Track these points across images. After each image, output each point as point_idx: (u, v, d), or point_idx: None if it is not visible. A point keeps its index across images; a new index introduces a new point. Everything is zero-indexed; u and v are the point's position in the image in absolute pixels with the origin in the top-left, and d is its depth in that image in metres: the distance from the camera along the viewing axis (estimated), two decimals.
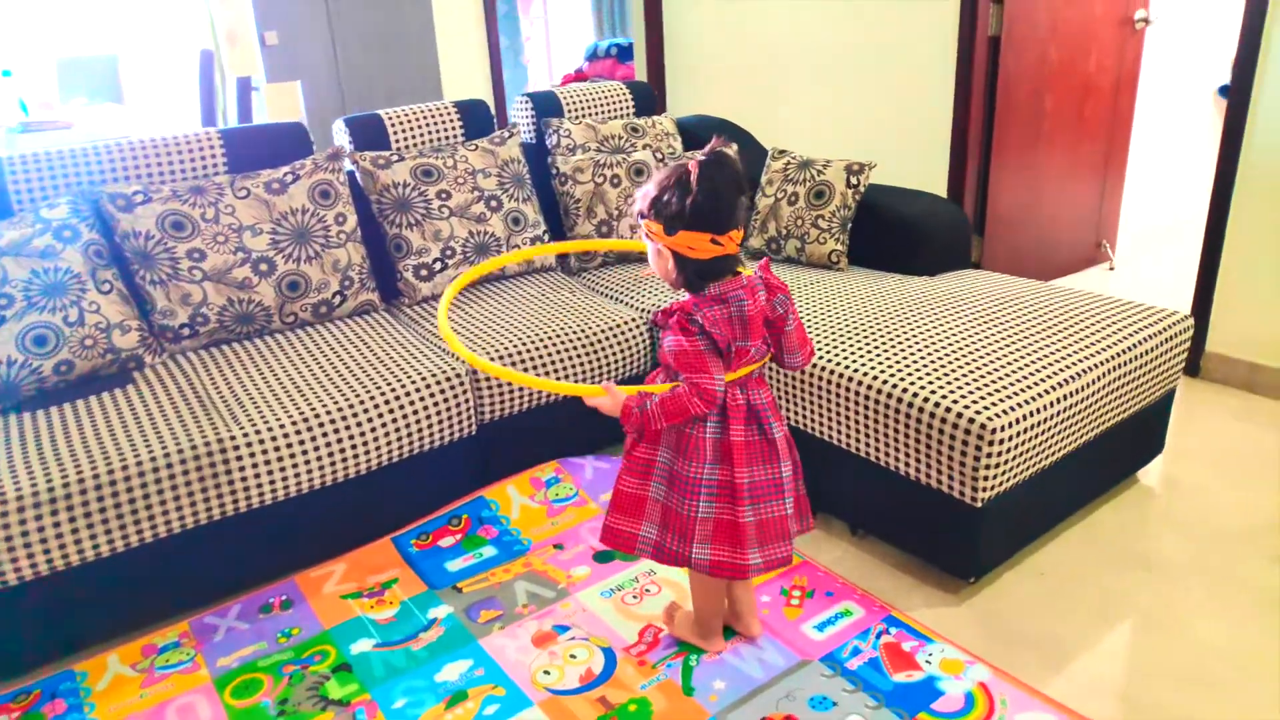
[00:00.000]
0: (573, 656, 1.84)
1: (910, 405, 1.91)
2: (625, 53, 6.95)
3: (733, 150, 2.77)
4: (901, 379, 1.96)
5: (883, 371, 2.00)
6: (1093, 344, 2.08)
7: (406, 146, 2.81)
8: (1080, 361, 2.01)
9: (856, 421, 2.03)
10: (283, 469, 2.00)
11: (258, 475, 1.97)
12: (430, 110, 2.86)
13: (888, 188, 2.80)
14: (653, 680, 1.77)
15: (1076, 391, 1.96)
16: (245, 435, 1.96)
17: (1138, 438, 2.26)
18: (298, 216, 2.44)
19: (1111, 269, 4.01)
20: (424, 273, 2.65)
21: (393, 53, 4.00)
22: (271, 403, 2.07)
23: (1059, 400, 1.92)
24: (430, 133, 2.85)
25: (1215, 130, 4.66)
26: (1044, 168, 3.63)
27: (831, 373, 2.07)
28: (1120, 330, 2.14)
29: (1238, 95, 2.65)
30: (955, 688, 1.71)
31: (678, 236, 1.47)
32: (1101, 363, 2.03)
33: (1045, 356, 2.02)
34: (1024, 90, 3.41)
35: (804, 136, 3.69)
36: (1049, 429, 1.91)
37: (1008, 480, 1.87)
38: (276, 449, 1.98)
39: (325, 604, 2.04)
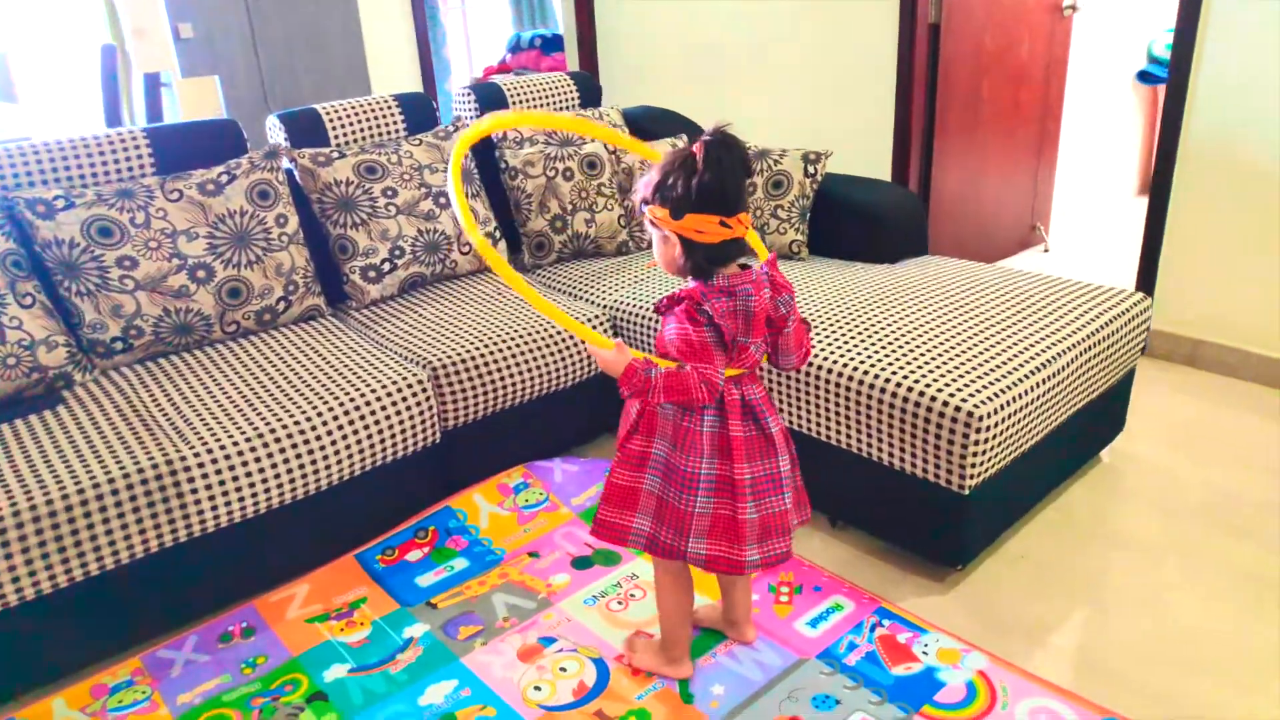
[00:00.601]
0: (563, 670, 1.77)
1: (895, 395, 1.89)
2: (550, 44, 6.83)
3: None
4: (883, 369, 1.93)
5: (863, 362, 1.97)
6: (1063, 326, 2.10)
7: (346, 142, 2.67)
8: (1055, 344, 2.02)
9: (837, 414, 2.01)
10: (238, 490, 1.87)
11: (211, 498, 1.84)
12: (370, 104, 2.73)
13: (842, 176, 2.79)
14: (649, 689, 1.71)
15: (1055, 374, 1.97)
16: (196, 455, 1.82)
17: (1102, 417, 2.30)
18: (236, 219, 2.29)
19: (1046, 251, 4.10)
20: (372, 274, 2.52)
21: (317, 46, 3.81)
22: (221, 419, 1.93)
23: (1040, 384, 1.92)
24: (371, 128, 2.71)
25: (1137, 115, 4.84)
26: (983, 154, 3.68)
27: (811, 365, 2.04)
28: (1087, 312, 2.17)
29: (1176, 78, 2.72)
30: (955, 677, 1.70)
31: (685, 220, 1.40)
32: (1075, 344, 2.04)
33: (1020, 341, 2.02)
34: (963, 77, 3.45)
35: (746, 127, 3.64)
36: (1030, 413, 1.91)
37: (993, 466, 1.86)
38: (231, 468, 1.85)
39: (290, 629, 1.91)
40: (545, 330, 2.35)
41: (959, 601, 1.92)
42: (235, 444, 1.86)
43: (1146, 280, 2.94)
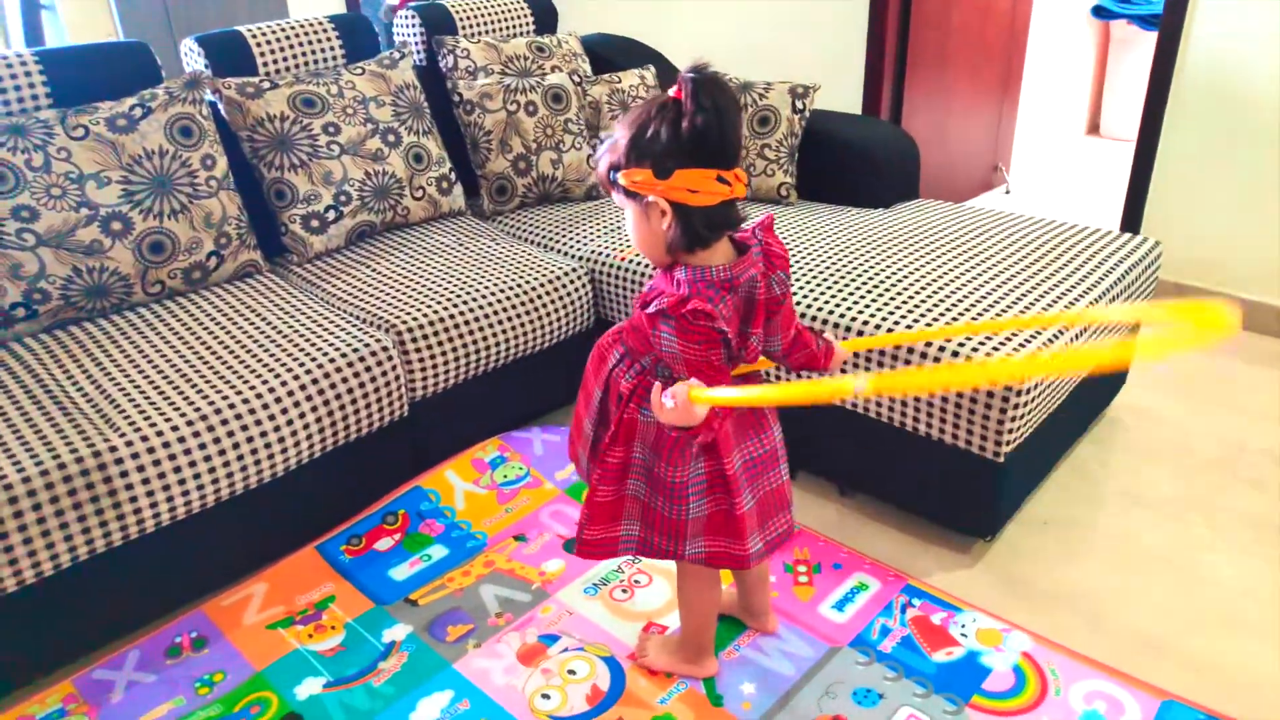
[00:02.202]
0: (571, 672, 1.58)
1: (924, 356, 1.72)
2: None
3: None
4: (909, 327, 1.76)
5: (884, 320, 1.80)
6: (1086, 276, 1.96)
7: (277, 70, 2.33)
8: (1084, 297, 1.88)
9: (847, 371, 1.83)
10: (180, 481, 1.59)
11: (150, 493, 1.56)
12: (303, 27, 2.38)
13: (828, 112, 2.59)
14: (672, 691, 1.53)
15: (1086, 328, 1.83)
16: (128, 444, 1.54)
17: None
18: (154, 160, 1.96)
19: (1008, 192, 4.01)
20: (315, 224, 2.22)
21: None
22: (155, 399, 1.64)
23: (1072, 339, 1.79)
24: (305, 54, 2.37)
25: (1090, 51, 4.75)
26: (951, 90, 3.52)
27: (825, 323, 1.86)
28: (1104, 260, 2.04)
29: (1171, 18, 2.59)
30: (1000, 662, 1.57)
31: (674, 178, 1.13)
32: (1102, 296, 1.91)
33: (1047, 293, 1.88)
34: (935, 6, 3.26)
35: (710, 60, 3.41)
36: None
37: (1026, 430, 1.73)
38: (171, 457, 1.57)
39: (249, 638, 1.67)
40: (517, 286, 2.10)
41: (987, 574, 1.80)
42: (174, 428, 1.58)
43: (1131, 224, 2.85)
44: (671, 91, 1.15)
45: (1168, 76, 2.65)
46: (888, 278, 1.94)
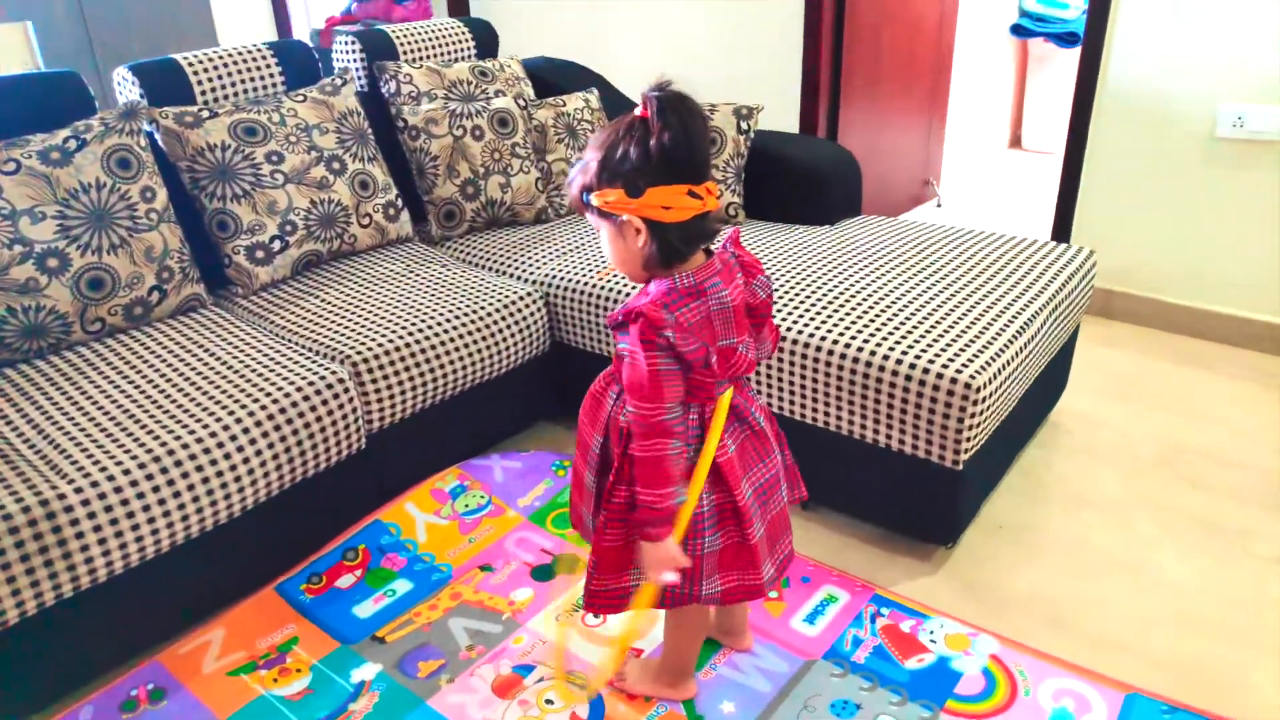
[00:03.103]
0: (549, 702, 1.56)
1: (883, 370, 1.76)
2: None
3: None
4: (866, 342, 1.80)
5: (841, 335, 1.83)
6: (1029, 286, 2.03)
7: (216, 99, 2.27)
8: (1028, 306, 1.95)
9: (814, 391, 1.86)
10: (134, 528, 1.53)
11: (102, 541, 1.49)
12: (241, 54, 2.33)
13: (770, 132, 2.64)
14: (652, 715, 1.52)
15: (1033, 337, 1.90)
16: (78, 491, 1.47)
17: (1054, 376, 2.27)
18: (92, 194, 1.89)
19: (939, 206, 4.12)
20: (260, 254, 2.17)
21: None
22: (103, 442, 1.58)
23: (1023, 348, 1.85)
24: (244, 82, 2.32)
25: (1010, 68, 4.93)
26: (884, 107, 3.62)
27: (785, 340, 1.88)
28: (1046, 269, 2.11)
29: (1093, 35, 2.70)
30: (970, 666, 1.61)
31: (646, 196, 1.15)
32: (1045, 304, 1.98)
33: (994, 304, 1.94)
34: (867, 25, 3.35)
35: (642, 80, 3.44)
36: (1014, 378, 1.83)
37: (982, 437, 1.77)
38: (123, 502, 1.51)
39: (210, 686, 1.61)
40: (473, 311, 2.08)
41: (950, 580, 1.84)
42: (125, 471, 1.52)
43: (1061, 233, 2.96)
44: (638, 111, 1.17)
45: (1091, 91, 2.76)
46: (841, 294, 1.98)
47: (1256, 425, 2.34)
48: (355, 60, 2.59)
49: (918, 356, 1.74)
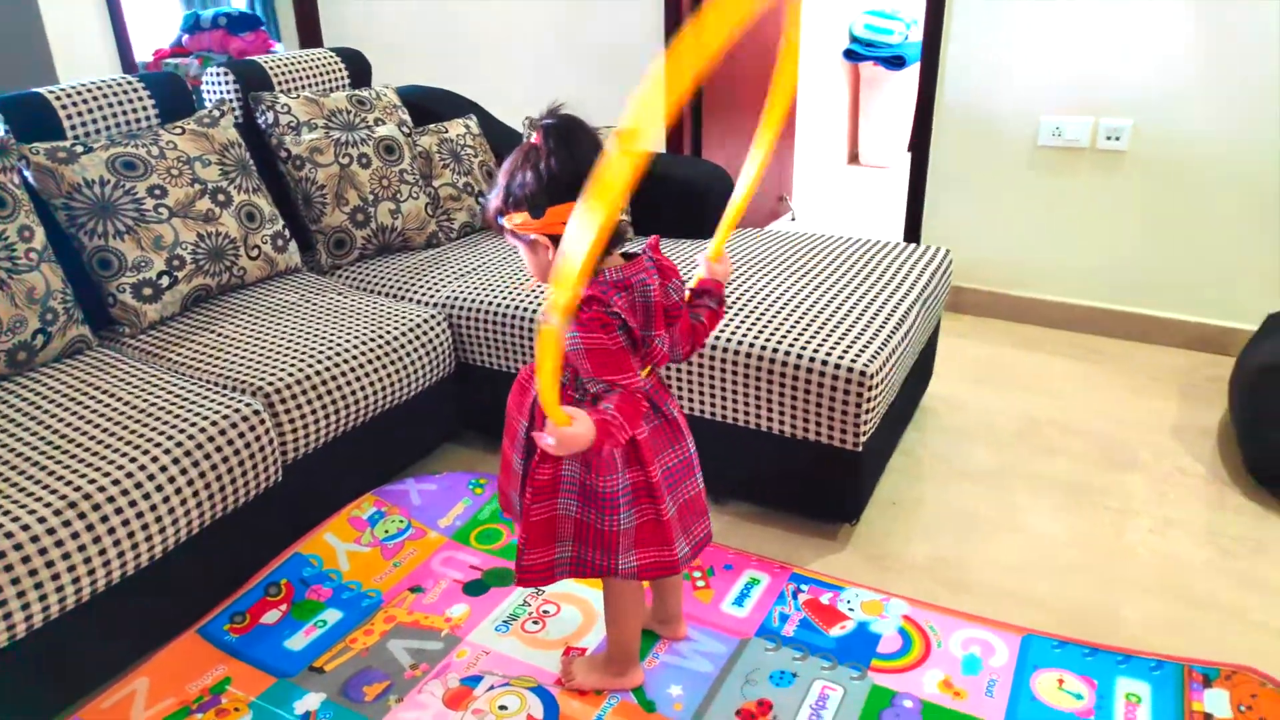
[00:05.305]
0: (503, 708, 1.59)
1: (785, 364, 1.90)
2: (237, 23, 6.11)
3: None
4: (768, 340, 1.94)
5: (745, 334, 1.97)
6: (902, 283, 2.23)
7: (88, 134, 2.18)
8: (903, 300, 2.15)
9: (723, 388, 1.99)
10: (55, 576, 1.46)
11: (21, 593, 1.42)
12: (111, 87, 2.25)
13: (653, 154, 2.76)
14: (606, 707, 1.59)
15: (911, 327, 2.09)
16: None
17: (924, 364, 2.49)
18: None
19: (794, 219, 4.39)
20: (147, 291, 2.09)
21: None
22: (9, 491, 1.50)
23: (903, 338, 2.03)
24: (116, 115, 2.24)
25: (845, 89, 5.30)
26: (741, 129, 3.84)
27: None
28: (912, 269, 2.33)
29: (929, 58, 2.99)
30: (886, 627, 1.76)
31: (549, 215, 1.26)
32: (916, 299, 2.19)
33: (874, 301, 2.12)
34: (721, 55, 3.55)
35: (513, 111, 3.52)
36: (898, 366, 2.02)
37: (876, 420, 1.95)
38: (25, 559, 1.42)
39: None
40: (379, 337, 2.09)
41: (858, 554, 2.00)
42: (40, 519, 1.45)
43: (913, 236, 3.24)
44: (533, 138, 1.28)
45: (930, 107, 3.05)
46: (738, 299, 2.12)
47: (1089, 396, 2.65)
48: (229, 91, 2.54)
49: (816, 350, 1.90)
